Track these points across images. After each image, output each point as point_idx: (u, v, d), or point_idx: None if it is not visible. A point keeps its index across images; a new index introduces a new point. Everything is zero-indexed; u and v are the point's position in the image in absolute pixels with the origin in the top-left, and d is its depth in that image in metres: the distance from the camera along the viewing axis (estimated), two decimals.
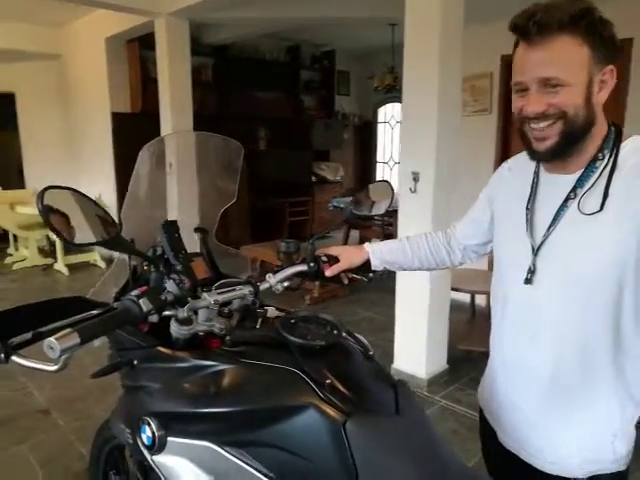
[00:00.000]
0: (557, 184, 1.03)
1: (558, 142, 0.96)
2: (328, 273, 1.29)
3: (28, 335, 1.01)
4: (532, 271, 1.04)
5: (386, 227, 5.61)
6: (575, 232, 0.99)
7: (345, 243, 6.01)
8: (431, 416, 2.84)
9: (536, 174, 1.09)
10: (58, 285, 5.41)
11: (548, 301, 1.03)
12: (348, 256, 1.33)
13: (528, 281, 1.04)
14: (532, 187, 1.09)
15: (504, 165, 1.24)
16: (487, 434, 1.25)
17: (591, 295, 0.98)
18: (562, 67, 0.91)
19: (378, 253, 1.35)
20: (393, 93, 6.84)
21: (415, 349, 3.19)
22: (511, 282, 1.10)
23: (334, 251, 1.33)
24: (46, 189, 0.89)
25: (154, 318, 1.00)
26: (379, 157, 8.97)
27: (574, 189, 0.99)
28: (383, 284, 5.05)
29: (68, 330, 0.86)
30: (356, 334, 1.14)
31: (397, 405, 1.00)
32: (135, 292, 0.99)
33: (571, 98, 0.92)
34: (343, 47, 7.95)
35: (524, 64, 0.95)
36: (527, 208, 1.07)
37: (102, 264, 5.93)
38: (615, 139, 0.98)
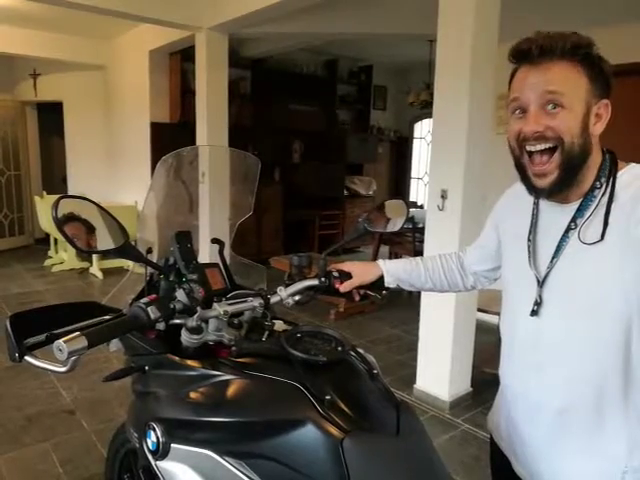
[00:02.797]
0: (557, 214, 1.01)
1: (559, 176, 0.95)
2: (341, 290, 1.29)
3: (42, 337, 1.05)
4: (538, 303, 1.02)
5: (417, 243, 5.57)
6: (578, 263, 0.97)
7: (375, 258, 5.99)
8: (453, 440, 2.78)
9: (536, 204, 1.08)
10: (91, 288, 5.56)
11: (555, 333, 1.01)
12: (361, 273, 1.33)
13: (535, 313, 1.02)
14: (532, 217, 1.07)
15: (507, 191, 1.22)
16: (498, 461, 1.22)
17: (599, 327, 0.95)
18: (563, 86, 0.92)
19: (392, 271, 1.34)
20: (429, 109, 6.81)
21: (438, 370, 3.14)
22: (518, 313, 1.08)
23: (347, 267, 1.33)
24: (60, 198, 0.93)
25: (161, 326, 1.02)
26: (414, 173, 8.92)
27: (574, 219, 0.98)
28: (412, 301, 5.02)
29: (77, 334, 0.88)
30: (362, 352, 1.13)
31: (398, 425, 0.98)
32: (145, 300, 1.01)
33: (568, 123, 0.92)
34: (381, 62, 7.98)
35: (524, 84, 0.95)
36: (529, 239, 1.06)
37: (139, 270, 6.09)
38: (610, 166, 0.97)
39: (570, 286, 0.98)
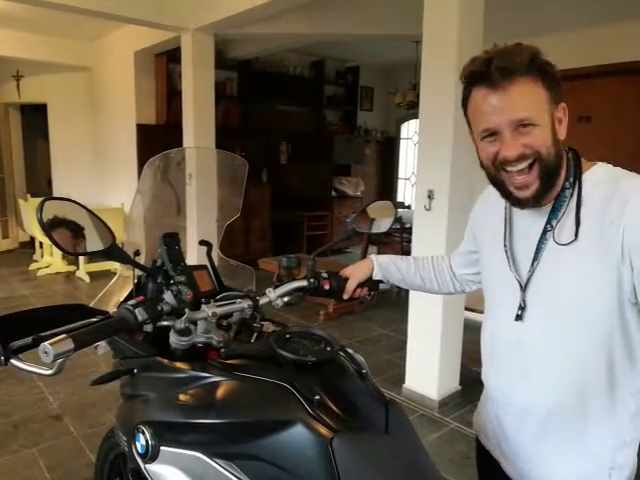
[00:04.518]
0: (532, 217, 1.02)
1: (539, 186, 0.95)
2: (345, 296, 1.33)
3: (29, 339, 1.04)
4: (522, 307, 1.02)
5: (405, 244, 5.59)
6: (558, 265, 0.97)
7: (363, 258, 5.99)
8: (442, 438, 2.79)
9: (506, 209, 1.08)
10: (78, 292, 5.51)
11: (539, 336, 1.01)
12: (355, 272, 1.35)
13: (519, 317, 1.03)
14: (505, 222, 1.08)
15: (480, 197, 1.23)
16: (484, 461, 1.23)
17: (582, 329, 0.95)
18: (531, 107, 0.91)
19: (383, 263, 1.37)
20: (415, 109, 6.84)
21: (427, 369, 3.15)
22: (500, 318, 1.08)
23: (342, 273, 1.35)
24: (45, 200, 0.92)
25: (149, 328, 1.02)
26: (401, 173, 8.96)
27: (549, 221, 0.98)
28: (401, 301, 5.03)
29: (63, 336, 0.88)
30: (351, 351, 1.13)
31: (387, 424, 0.99)
32: (132, 302, 1.01)
33: (542, 137, 0.93)
34: (367, 63, 8.01)
35: (489, 110, 0.93)
36: (505, 245, 1.06)
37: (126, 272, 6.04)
38: (575, 166, 0.98)
39: (552, 288, 0.98)
